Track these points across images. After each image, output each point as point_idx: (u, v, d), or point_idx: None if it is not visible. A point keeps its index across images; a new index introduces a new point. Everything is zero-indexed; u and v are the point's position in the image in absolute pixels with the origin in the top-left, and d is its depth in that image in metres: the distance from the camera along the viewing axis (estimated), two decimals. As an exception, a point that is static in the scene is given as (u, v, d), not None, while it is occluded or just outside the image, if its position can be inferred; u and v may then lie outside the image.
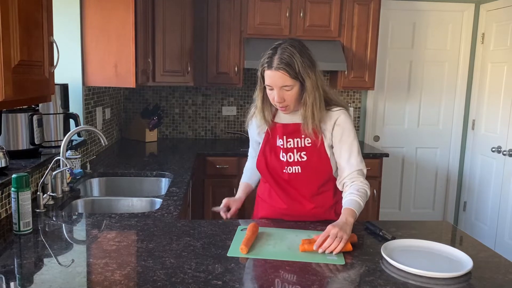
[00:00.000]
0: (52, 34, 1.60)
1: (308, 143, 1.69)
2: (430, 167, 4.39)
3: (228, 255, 1.39)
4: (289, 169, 1.72)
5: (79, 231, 1.63)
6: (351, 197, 1.59)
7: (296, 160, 1.70)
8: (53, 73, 1.64)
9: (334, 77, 3.89)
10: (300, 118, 1.67)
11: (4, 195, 1.71)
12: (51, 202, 1.90)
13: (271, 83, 1.59)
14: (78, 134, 2.62)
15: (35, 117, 2.09)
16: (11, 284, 1.19)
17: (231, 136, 4.13)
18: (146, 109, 3.86)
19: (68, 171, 2.13)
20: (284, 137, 1.71)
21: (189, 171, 2.65)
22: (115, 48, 2.66)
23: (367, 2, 3.69)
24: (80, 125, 2.47)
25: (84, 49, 2.68)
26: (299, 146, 1.70)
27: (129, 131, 3.92)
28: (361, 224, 1.70)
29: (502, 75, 3.78)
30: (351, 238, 1.47)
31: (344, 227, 1.45)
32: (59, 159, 2.00)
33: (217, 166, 3.44)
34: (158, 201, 2.10)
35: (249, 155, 2.01)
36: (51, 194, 1.91)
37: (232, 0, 3.60)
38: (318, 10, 3.65)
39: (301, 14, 3.63)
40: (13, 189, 1.52)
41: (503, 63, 3.77)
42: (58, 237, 1.55)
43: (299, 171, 1.71)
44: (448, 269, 1.32)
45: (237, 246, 1.45)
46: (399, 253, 1.42)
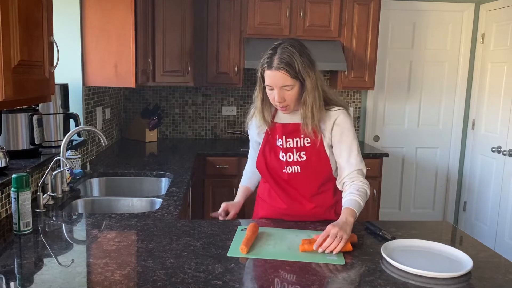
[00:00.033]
0: (52, 34, 1.60)
1: (307, 143, 1.69)
2: (430, 167, 4.39)
3: (228, 255, 1.39)
4: (288, 169, 1.72)
5: (79, 231, 1.64)
6: (351, 196, 1.60)
7: (295, 160, 1.70)
8: (53, 73, 1.63)
9: (334, 77, 3.90)
10: (300, 118, 1.67)
11: (4, 195, 1.71)
12: (51, 202, 1.90)
13: (271, 83, 1.59)
14: (78, 134, 2.62)
15: (35, 117, 2.09)
16: (11, 284, 1.19)
17: (231, 136, 4.13)
18: (146, 109, 3.86)
19: (68, 171, 2.13)
20: (284, 137, 1.71)
21: (189, 171, 2.65)
22: (115, 48, 2.66)
23: (367, 2, 3.69)
24: (80, 125, 2.47)
25: (84, 49, 2.68)
26: (299, 146, 1.70)
27: (129, 131, 3.92)
28: (361, 224, 1.70)
29: (502, 75, 3.79)
30: (351, 238, 1.47)
31: (344, 226, 1.45)
32: (59, 159, 2.00)
33: (217, 166, 3.44)
34: (158, 201, 2.10)
35: (249, 156, 2.00)
36: (51, 194, 1.91)
37: (232, 0, 3.60)
38: (318, 10, 3.65)
39: (301, 14, 3.63)
40: (13, 189, 1.52)
41: (503, 63, 3.77)
42: (58, 237, 1.56)
43: (299, 171, 1.71)
44: (448, 269, 1.32)
45: (237, 246, 1.45)
46: (399, 253, 1.42)
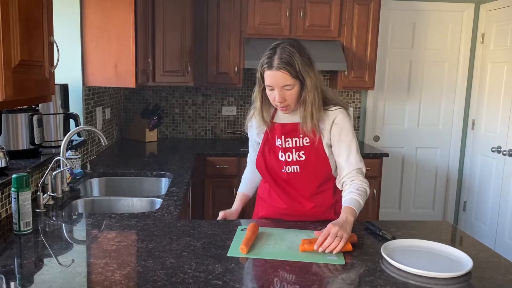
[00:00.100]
0: (52, 34, 1.60)
1: (306, 143, 1.69)
2: (430, 167, 4.39)
3: (228, 255, 1.39)
4: (288, 168, 1.72)
5: (79, 231, 1.64)
6: (351, 195, 1.60)
7: (294, 159, 1.70)
8: (53, 73, 1.63)
9: (334, 77, 3.90)
10: (299, 118, 1.67)
11: (4, 195, 1.72)
12: (51, 202, 1.90)
13: (272, 83, 1.59)
14: (78, 134, 2.62)
15: (35, 117, 2.09)
16: (11, 284, 1.19)
17: (231, 136, 4.13)
18: (146, 109, 3.86)
19: (68, 171, 2.13)
20: (283, 136, 1.71)
21: (189, 171, 2.65)
22: (115, 48, 2.66)
23: (367, 2, 3.69)
24: (80, 125, 2.47)
25: (84, 49, 2.68)
26: (298, 145, 1.70)
27: (129, 131, 3.92)
28: (361, 224, 1.70)
29: (502, 75, 3.79)
30: (351, 238, 1.47)
31: (344, 225, 1.46)
32: (59, 159, 2.00)
33: (217, 166, 3.44)
34: (158, 201, 2.10)
35: (248, 159, 1.98)
36: (51, 194, 1.91)
37: (232, 0, 3.60)
38: (318, 10, 3.65)
39: (301, 14, 3.63)
40: (13, 189, 1.52)
41: (503, 63, 3.78)
42: (58, 237, 1.56)
43: (298, 170, 1.71)
44: (448, 269, 1.32)
45: (237, 246, 1.45)
46: (399, 253, 1.42)
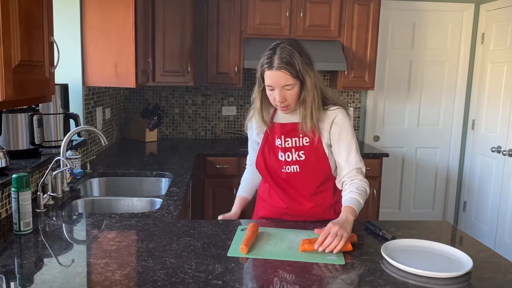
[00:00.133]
0: (52, 34, 1.60)
1: (306, 142, 1.69)
2: (430, 167, 4.39)
3: (228, 255, 1.39)
4: (287, 168, 1.72)
5: (79, 231, 1.64)
6: (350, 195, 1.60)
7: (294, 159, 1.70)
8: (53, 73, 1.63)
9: (334, 77, 3.90)
10: (298, 118, 1.67)
11: (4, 195, 1.72)
12: (51, 202, 1.90)
13: (272, 83, 1.59)
14: (78, 134, 2.63)
15: (35, 117, 2.09)
16: (11, 284, 1.19)
17: (231, 136, 4.13)
18: (146, 109, 3.86)
19: (68, 171, 2.13)
20: (282, 136, 1.71)
21: (189, 171, 2.65)
22: (115, 48, 2.66)
23: (367, 2, 3.69)
24: (80, 125, 2.47)
25: (84, 49, 2.68)
26: (297, 145, 1.70)
27: (129, 131, 3.92)
28: (361, 224, 1.70)
29: (502, 75, 3.79)
30: (351, 238, 1.47)
31: (345, 224, 1.46)
32: (59, 159, 2.00)
33: (217, 166, 3.44)
34: (158, 201, 2.10)
35: (248, 161, 1.98)
36: (51, 194, 1.91)
37: (232, 0, 3.60)
38: (318, 10, 3.65)
39: (301, 14, 3.63)
40: (13, 189, 1.52)
41: (503, 63, 3.78)
42: (58, 237, 1.56)
43: (298, 170, 1.71)
44: (448, 269, 1.32)
45: (237, 246, 1.45)
46: (399, 253, 1.42)
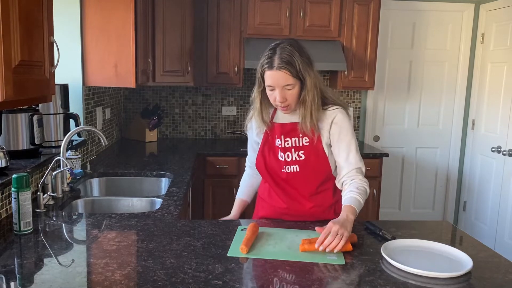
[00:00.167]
0: (52, 34, 1.60)
1: (306, 142, 1.69)
2: (430, 167, 4.39)
3: (228, 255, 1.39)
4: (287, 168, 1.72)
5: (79, 231, 1.64)
6: (351, 194, 1.60)
7: (294, 159, 1.71)
8: (53, 73, 1.63)
9: (334, 77, 3.90)
10: (298, 118, 1.67)
11: (4, 195, 1.72)
12: (51, 202, 1.90)
13: (272, 83, 1.59)
14: (78, 134, 2.63)
15: (35, 117, 2.09)
16: (12, 284, 1.19)
17: (231, 136, 4.13)
18: (146, 109, 3.86)
19: (68, 171, 2.13)
20: (282, 136, 1.71)
21: (189, 171, 2.65)
22: (115, 48, 2.66)
23: (367, 2, 3.69)
24: (80, 125, 2.47)
25: (84, 49, 2.68)
26: (297, 145, 1.70)
27: (129, 131, 3.92)
28: (361, 224, 1.70)
29: (502, 75, 3.79)
30: (351, 238, 1.47)
31: (345, 224, 1.46)
32: (59, 159, 2.00)
33: (217, 166, 3.44)
34: (158, 201, 2.10)
35: (247, 162, 1.97)
36: (51, 194, 1.91)
37: (232, 0, 3.60)
38: (318, 10, 3.65)
39: (301, 14, 3.63)
40: (13, 189, 1.52)
41: (503, 63, 3.78)
42: (58, 237, 1.56)
43: (298, 170, 1.71)
44: (448, 269, 1.32)
45: (237, 246, 1.45)
46: (399, 253, 1.42)
